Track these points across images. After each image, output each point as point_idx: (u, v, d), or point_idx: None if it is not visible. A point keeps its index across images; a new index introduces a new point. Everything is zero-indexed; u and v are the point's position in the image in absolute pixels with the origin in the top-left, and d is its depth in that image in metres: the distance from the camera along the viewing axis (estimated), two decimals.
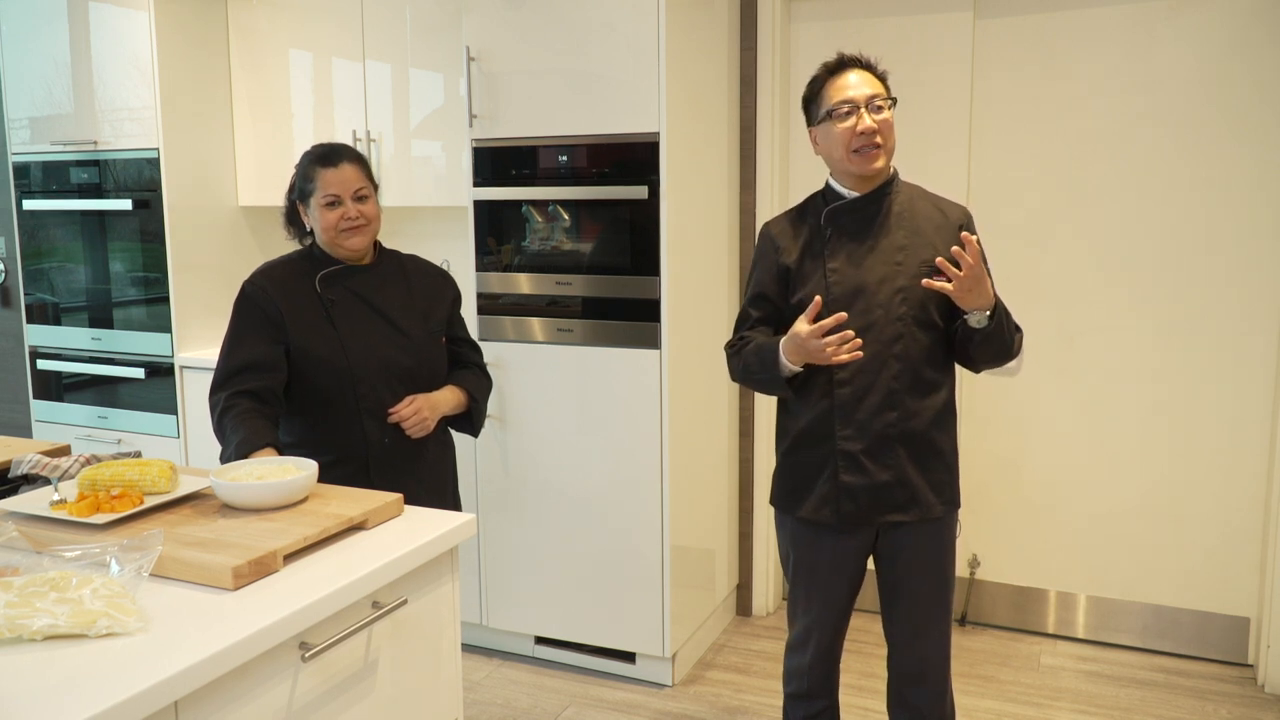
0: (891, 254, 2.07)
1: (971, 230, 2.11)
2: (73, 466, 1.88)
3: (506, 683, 3.15)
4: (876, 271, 2.05)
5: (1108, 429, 3.25)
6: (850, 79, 2.07)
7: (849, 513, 2.08)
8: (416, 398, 2.20)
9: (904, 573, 2.14)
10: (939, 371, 2.10)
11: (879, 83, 2.09)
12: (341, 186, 2.16)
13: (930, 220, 2.10)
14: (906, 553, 2.13)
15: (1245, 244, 3.04)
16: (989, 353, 2.05)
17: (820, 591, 2.19)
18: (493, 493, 3.22)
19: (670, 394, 2.95)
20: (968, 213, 2.17)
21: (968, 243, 1.90)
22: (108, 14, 3.59)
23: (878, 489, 2.06)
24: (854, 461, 2.06)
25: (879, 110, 2.05)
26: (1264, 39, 2.94)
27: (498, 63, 3.04)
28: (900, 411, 2.05)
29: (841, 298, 2.05)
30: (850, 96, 2.05)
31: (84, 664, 1.18)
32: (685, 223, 3.02)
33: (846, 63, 2.10)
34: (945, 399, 2.12)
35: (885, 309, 2.04)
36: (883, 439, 2.05)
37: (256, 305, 2.15)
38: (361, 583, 1.47)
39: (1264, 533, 3.09)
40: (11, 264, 4.38)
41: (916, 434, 2.06)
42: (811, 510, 2.12)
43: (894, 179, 2.14)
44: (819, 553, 2.17)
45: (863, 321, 2.03)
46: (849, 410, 2.06)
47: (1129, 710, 2.92)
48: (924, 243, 2.07)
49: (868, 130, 2.03)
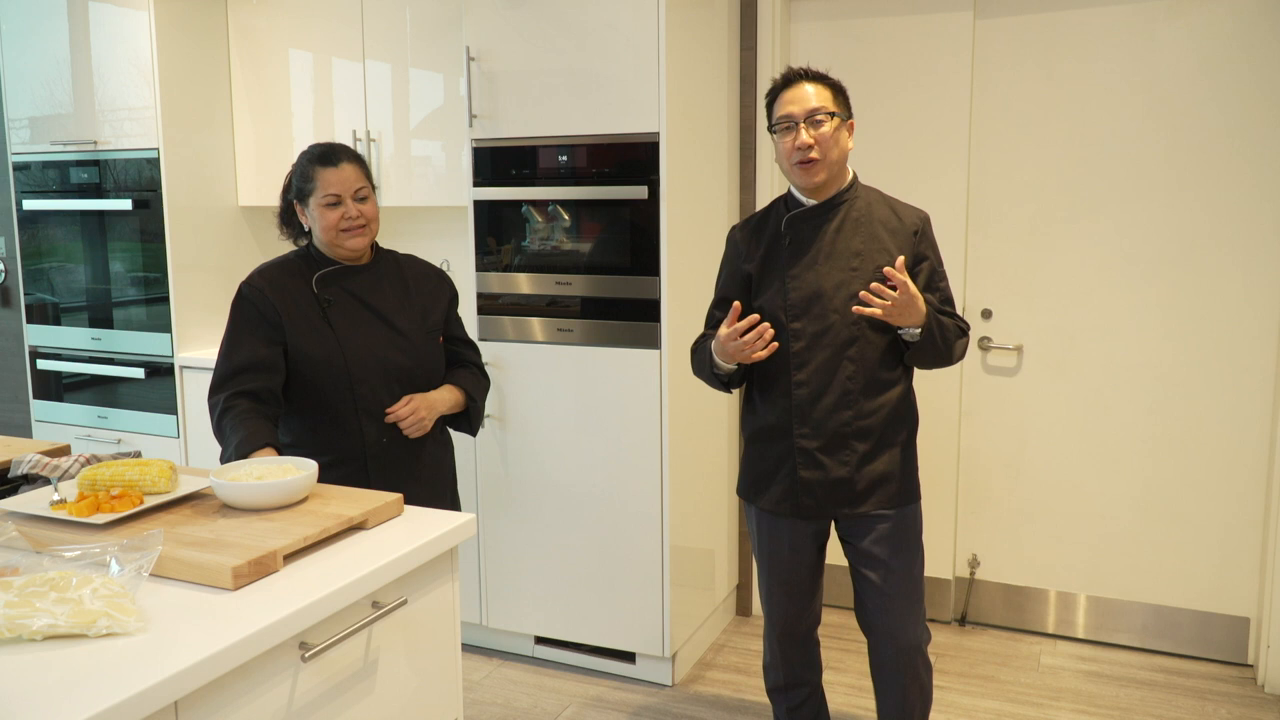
0: (848, 260, 2.17)
1: (928, 234, 2.24)
2: (73, 466, 1.88)
3: (506, 683, 3.15)
4: (833, 277, 2.16)
5: (1108, 429, 3.25)
6: (795, 93, 2.15)
7: (808, 506, 2.23)
8: (414, 397, 2.20)
9: (868, 562, 2.25)
10: (893, 371, 2.22)
11: (828, 95, 2.16)
12: (342, 186, 2.15)
13: (886, 225, 2.20)
14: (868, 543, 2.24)
15: (1245, 244, 3.04)
16: (924, 359, 2.19)
17: (781, 576, 2.32)
18: (493, 493, 3.22)
19: (670, 394, 2.95)
20: (925, 217, 2.26)
21: (891, 277, 2.03)
22: (108, 13, 3.59)
23: (834, 484, 2.20)
24: (811, 458, 2.20)
25: (818, 125, 2.13)
26: (1265, 39, 2.94)
27: (498, 63, 3.04)
28: (855, 411, 2.17)
29: (799, 303, 2.17)
30: (789, 112, 2.15)
31: (84, 664, 1.18)
32: (685, 223, 3.02)
33: (794, 76, 2.18)
34: (900, 396, 2.24)
35: (841, 314, 2.15)
36: (838, 436, 2.18)
37: (254, 306, 2.15)
38: (361, 583, 1.47)
39: (1264, 533, 3.09)
40: (11, 264, 4.38)
41: (871, 431, 2.19)
42: (772, 503, 2.26)
43: (852, 185, 2.23)
44: (779, 540, 2.30)
45: (819, 325, 2.15)
46: (806, 409, 2.18)
47: (1129, 710, 2.92)
48: (879, 249, 2.17)
49: (803, 145, 2.13)
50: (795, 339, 2.17)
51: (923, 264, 2.20)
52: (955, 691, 3.04)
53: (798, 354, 2.17)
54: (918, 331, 2.12)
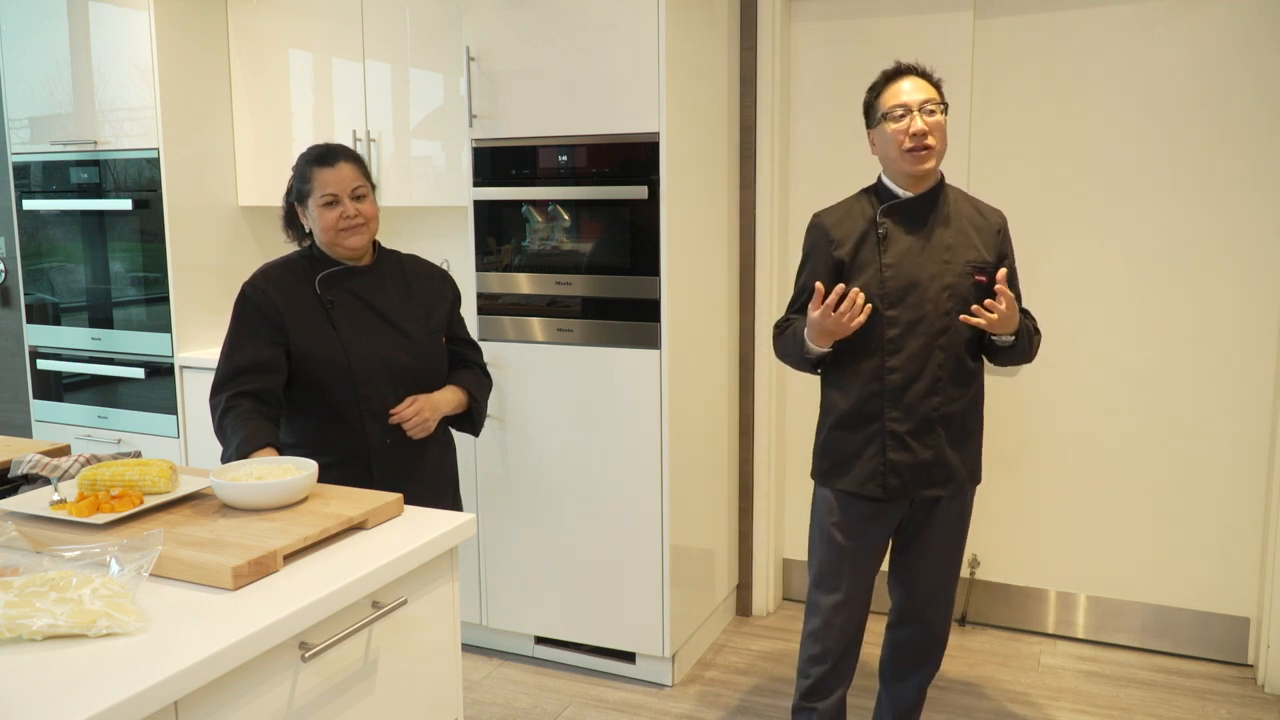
0: (941, 252, 2.25)
1: (1008, 233, 2.35)
2: (73, 466, 1.88)
3: (506, 683, 3.15)
4: (927, 268, 2.23)
5: (1108, 429, 3.25)
6: (905, 85, 2.25)
7: (894, 487, 2.28)
8: (418, 398, 2.21)
9: (930, 538, 2.37)
10: (976, 361, 2.32)
11: (933, 89, 2.26)
12: (339, 186, 2.16)
13: (972, 222, 2.30)
14: (937, 521, 2.35)
15: (1245, 244, 3.04)
16: (1009, 360, 2.32)
17: (853, 560, 2.37)
18: (493, 493, 3.22)
19: (670, 394, 2.95)
20: (1004, 218, 2.37)
21: (1001, 294, 2.12)
22: (108, 14, 3.59)
23: (919, 466, 2.27)
24: (900, 441, 2.26)
25: (931, 114, 2.22)
26: (1264, 39, 2.94)
27: (498, 63, 3.04)
28: (943, 397, 2.25)
29: (894, 291, 2.23)
30: (904, 101, 2.23)
31: (84, 664, 1.18)
32: (685, 223, 3.02)
33: (903, 70, 2.28)
34: (980, 386, 2.34)
35: (934, 303, 2.22)
36: (926, 421, 2.26)
37: (256, 307, 2.15)
38: (361, 583, 1.47)
39: (1264, 533, 3.08)
40: (11, 264, 4.38)
41: (955, 417, 2.28)
42: (856, 484, 2.31)
43: (943, 181, 2.32)
44: (857, 523, 2.35)
45: (914, 315, 2.22)
46: (898, 394, 2.25)
47: (1129, 710, 2.92)
48: (968, 243, 2.26)
49: (919, 132, 2.20)
50: (891, 326, 2.22)
51: (1004, 261, 2.29)
52: (955, 691, 3.04)
53: (892, 340, 2.23)
54: (1011, 339, 2.23)
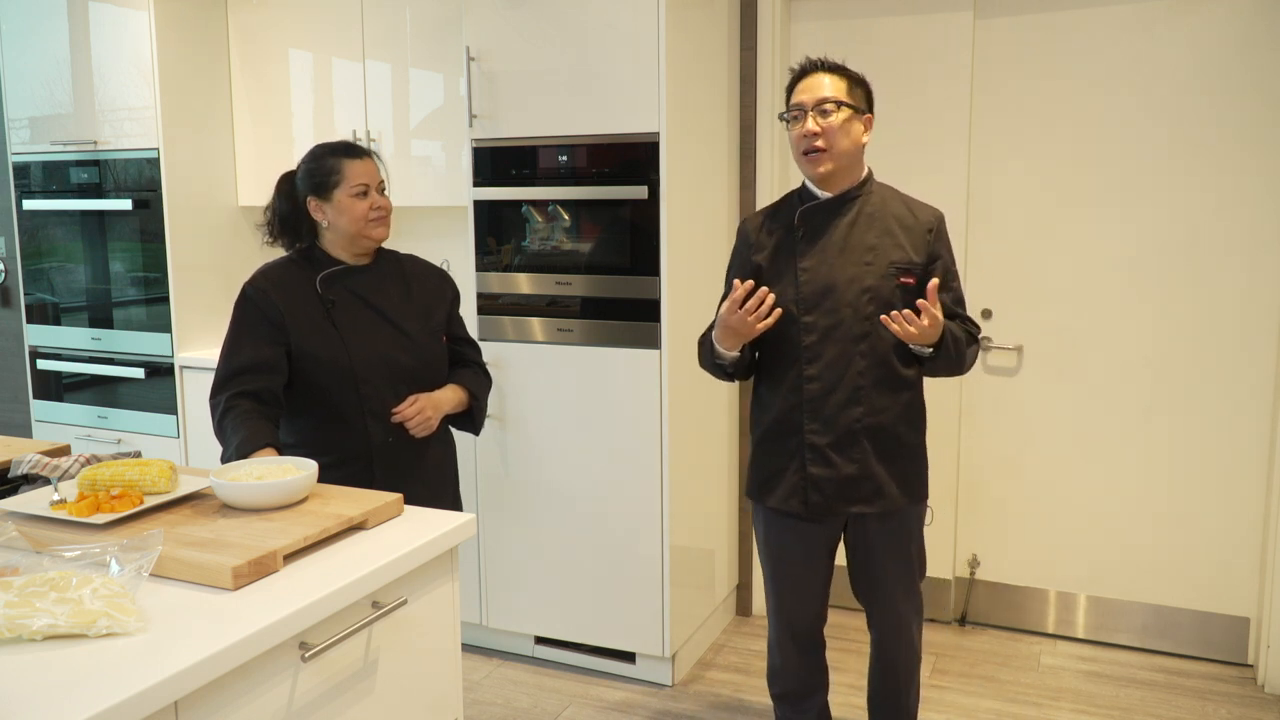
0: (861, 254, 2.13)
1: (942, 233, 2.21)
2: (73, 466, 1.88)
3: (506, 683, 3.15)
4: (846, 271, 2.13)
5: (1108, 429, 3.25)
6: (808, 82, 2.12)
7: (816, 503, 2.17)
8: (420, 397, 2.21)
9: (871, 560, 2.24)
10: (907, 369, 2.18)
11: (843, 86, 2.11)
12: (369, 177, 2.20)
13: (901, 222, 2.17)
14: (873, 541, 2.22)
15: (1245, 244, 3.04)
16: (934, 371, 2.19)
17: (790, 580, 2.29)
18: (493, 493, 3.22)
19: (670, 394, 2.95)
20: (939, 216, 2.24)
21: (924, 310, 2.00)
22: (108, 14, 3.59)
23: (843, 482, 2.15)
24: (820, 454, 2.15)
25: (826, 114, 2.09)
26: (1264, 39, 2.94)
27: (498, 63, 3.04)
28: (866, 407, 2.14)
29: (810, 296, 2.13)
30: (799, 100, 2.12)
31: (84, 664, 1.18)
32: (685, 223, 3.02)
33: (811, 66, 2.15)
34: (917, 395, 2.21)
35: (853, 307, 2.11)
36: (849, 433, 2.14)
37: (257, 307, 2.15)
38: (361, 583, 1.47)
39: (1264, 533, 3.08)
40: (11, 264, 4.38)
41: (883, 429, 2.15)
42: (780, 500, 2.21)
43: (867, 180, 2.20)
44: (788, 541, 2.26)
45: (831, 320, 2.12)
46: (817, 405, 2.14)
47: (1129, 710, 2.92)
48: (894, 244, 2.14)
49: (808, 134, 2.09)
50: (807, 332, 2.13)
51: (936, 263, 2.17)
52: (955, 691, 3.04)
53: (809, 348, 2.13)
54: (929, 350, 2.11)
